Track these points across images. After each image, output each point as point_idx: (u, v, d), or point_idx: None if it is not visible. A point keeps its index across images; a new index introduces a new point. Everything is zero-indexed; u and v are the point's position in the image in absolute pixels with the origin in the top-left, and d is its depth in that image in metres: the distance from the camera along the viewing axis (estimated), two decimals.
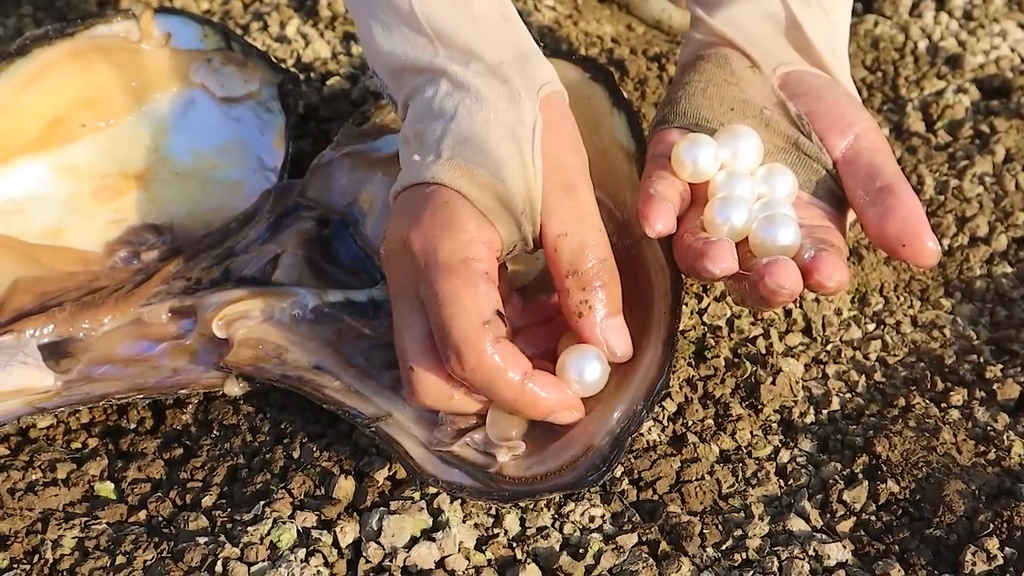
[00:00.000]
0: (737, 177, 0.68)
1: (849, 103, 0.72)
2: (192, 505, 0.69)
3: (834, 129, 0.70)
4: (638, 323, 0.71)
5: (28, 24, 1.12)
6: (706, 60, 0.74)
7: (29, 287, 0.78)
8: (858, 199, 0.68)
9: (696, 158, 0.68)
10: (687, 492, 0.69)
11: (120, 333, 0.77)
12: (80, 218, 0.86)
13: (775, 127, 0.70)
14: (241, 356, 0.73)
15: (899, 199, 0.66)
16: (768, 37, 0.74)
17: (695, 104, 0.72)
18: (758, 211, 0.66)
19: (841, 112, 0.71)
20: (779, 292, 0.62)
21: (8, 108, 0.86)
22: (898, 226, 0.65)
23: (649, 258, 0.73)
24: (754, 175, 0.69)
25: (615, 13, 1.18)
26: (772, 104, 0.71)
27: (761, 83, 0.73)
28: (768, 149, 0.70)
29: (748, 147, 0.69)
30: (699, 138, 0.69)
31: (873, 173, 0.68)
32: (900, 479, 0.69)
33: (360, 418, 0.69)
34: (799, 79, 0.73)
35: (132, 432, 0.75)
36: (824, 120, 0.70)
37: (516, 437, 0.67)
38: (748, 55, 0.74)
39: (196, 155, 0.90)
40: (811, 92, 0.72)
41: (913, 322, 0.83)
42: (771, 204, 0.67)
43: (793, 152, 0.70)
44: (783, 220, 0.65)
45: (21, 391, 0.72)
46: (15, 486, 0.70)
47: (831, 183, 0.69)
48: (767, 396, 0.75)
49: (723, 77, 0.73)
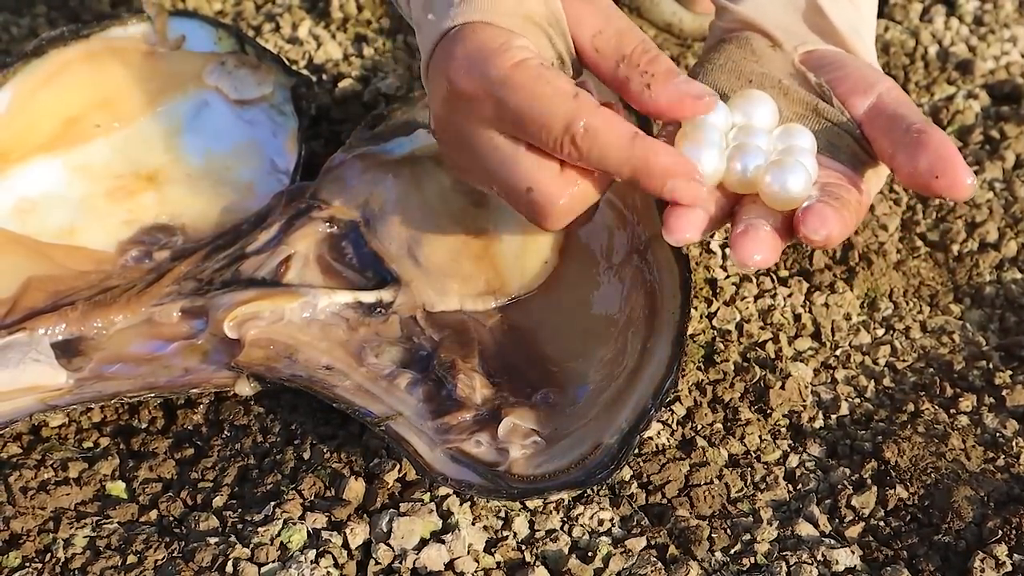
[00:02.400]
0: (752, 132, 0.66)
1: (870, 69, 0.72)
2: (203, 505, 0.70)
3: (856, 91, 0.69)
4: (647, 323, 0.71)
5: (42, 24, 1.12)
6: (728, 42, 0.75)
7: (41, 285, 0.79)
8: (886, 148, 0.67)
9: (705, 117, 0.65)
10: (696, 496, 0.69)
11: (131, 332, 0.78)
12: (93, 218, 0.87)
13: (794, 95, 0.69)
14: (252, 356, 0.73)
15: (928, 135, 0.65)
16: (791, 21, 0.74)
17: (712, 78, 0.72)
18: (773, 157, 0.65)
19: (863, 75, 0.70)
20: (745, 265, 0.61)
21: (23, 108, 0.86)
22: (930, 159, 0.63)
23: (659, 259, 0.74)
24: (770, 135, 0.67)
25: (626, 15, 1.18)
26: (790, 76, 0.71)
27: (781, 59, 0.72)
28: (787, 116, 0.69)
29: (763, 111, 0.67)
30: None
31: (899, 119, 0.67)
32: (909, 485, 0.69)
33: (370, 417, 0.69)
34: (821, 55, 0.73)
35: (143, 432, 0.75)
36: (845, 84, 0.70)
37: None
38: (770, 35, 0.74)
39: (209, 157, 0.90)
40: (832, 64, 0.72)
41: (922, 327, 0.83)
42: (790, 152, 0.65)
43: (813, 117, 0.69)
44: (794, 167, 0.63)
45: (33, 388, 0.73)
46: (27, 485, 0.70)
47: (854, 147, 0.68)
48: (776, 401, 0.75)
49: (743, 55, 0.73)
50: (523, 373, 0.74)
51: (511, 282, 0.78)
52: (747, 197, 0.65)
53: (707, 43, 0.79)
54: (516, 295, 0.78)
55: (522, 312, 0.78)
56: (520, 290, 0.78)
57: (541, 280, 0.79)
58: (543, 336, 0.76)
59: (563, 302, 0.78)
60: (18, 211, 0.85)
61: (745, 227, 0.62)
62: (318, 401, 0.74)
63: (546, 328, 0.77)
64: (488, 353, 0.75)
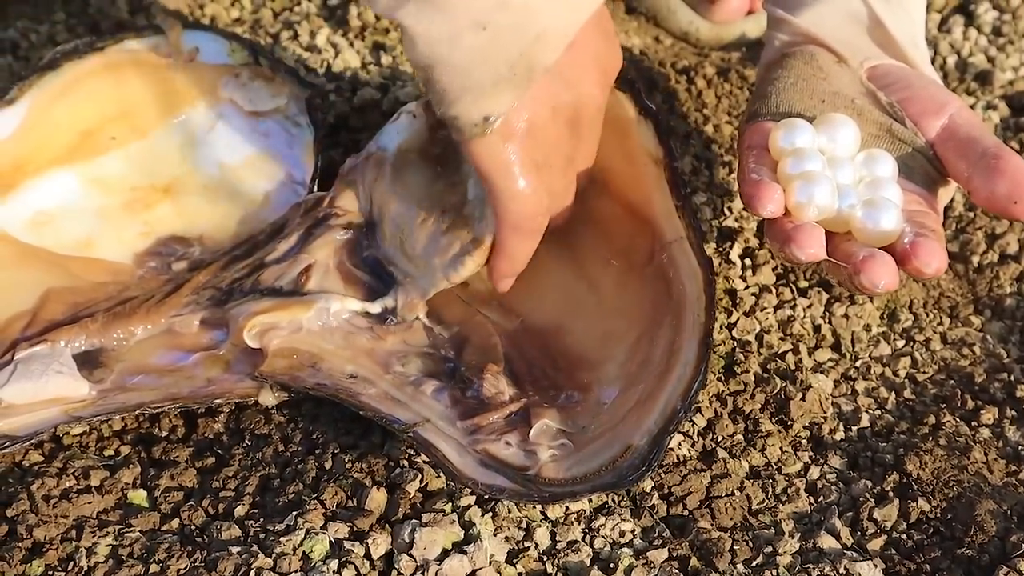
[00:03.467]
0: (838, 163, 0.68)
1: (938, 88, 0.73)
2: (225, 514, 0.70)
3: (927, 112, 0.70)
4: (672, 326, 0.71)
5: (60, 31, 1.13)
6: (792, 57, 0.75)
7: (60, 297, 0.79)
8: (962, 171, 0.68)
9: (795, 142, 0.68)
10: (717, 508, 0.69)
11: (152, 343, 0.78)
12: (110, 229, 0.87)
13: (867, 116, 0.70)
14: (276, 366, 0.73)
15: (1005, 159, 0.66)
16: (852, 33, 0.75)
17: (786, 98, 0.72)
18: (863, 192, 0.66)
19: (932, 95, 0.71)
20: (874, 289, 0.63)
21: (40, 121, 0.86)
22: (1008, 184, 0.65)
23: (681, 263, 0.74)
24: (853, 161, 0.69)
25: (643, 25, 1.18)
26: (862, 95, 0.72)
27: (849, 76, 0.73)
28: (863, 138, 0.70)
29: (846, 134, 0.69)
30: (796, 122, 0.69)
31: (973, 143, 0.68)
32: (931, 498, 0.69)
33: (397, 424, 0.69)
34: (886, 71, 0.73)
35: (164, 440, 0.75)
36: (916, 105, 0.71)
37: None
38: (834, 51, 0.74)
39: (224, 168, 0.90)
40: (899, 81, 0.73)
41: (943, 339, 0.83)
42: (876, 184, 0.67)
43: (887, 139, 0.70)
44: (885, 205, 0.65)
45: (57, 400, 0.73)
46: (50, 493, 0.70)
47: (927, 167, 0.70)
48: (797, 412, 0.75)
49: (811, 72, 0.74)
50: (548, 374, 0.74)
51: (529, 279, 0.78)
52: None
53: (766, 56, 0.79)
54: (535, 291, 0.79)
55: (543, 314, 0.78)
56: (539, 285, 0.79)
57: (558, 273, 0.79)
58: (565, 337, 0.77)
59: (583, 304, 0.78)
60: (35, 223, 0.85)
61: (868, 254, 0.63)
62: (339, 410, 0.74)
63: (567, 329, 0.77)
64: (512, 355, 0.75)
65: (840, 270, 0.65)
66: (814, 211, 0.65)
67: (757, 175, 0.67)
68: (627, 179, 0.79)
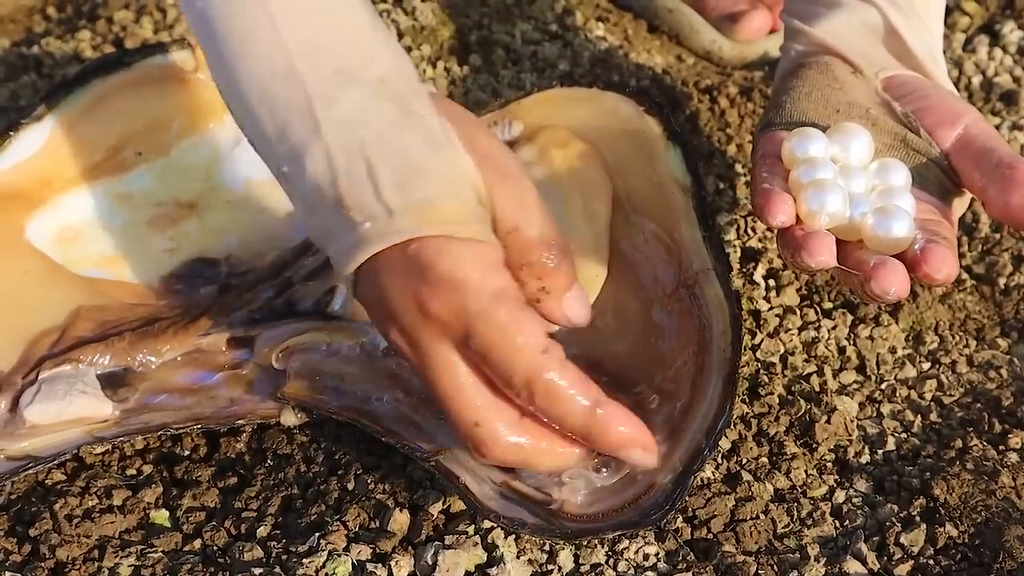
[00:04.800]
0: (851, 172, 0.67)
1: (955, 99, 0.72)
2: (247, 535, 0.70)
3: (943, 122, 0.70)
4: (697, 360, 0.71)
5: (85, 48, 1.13)
6: (808, 67, 0.75)
7: (90, 316, 0.79)
8: (976, 181, 0.68)
9: (807, 151, 0.68)
10: (742, 531, 0.69)
11: (178, 363, 0.78)
12: (135, 246, 0.87)
13: (882, 126, 0.70)
14: (298, 387, 0.73)
15: (1020, 170, 0.66)
16: (869, 44, 0.75)
17: (800, 107, 0.72)
18: (874, 200, 0.66)
19: (948, 106, 0.71)
20: (885, 296, 0.62)
21: (67, 137, 0.86)
22: (1023, 195, 0.65)
23: (708, 295, 0.73)
24: (867, 170, 0.68)
25: (665, 44, 1.18)
26: (876, 105, 0.72)
27: (864, 86, 0.73)
28: (876, 148, 0.70)
29: (860, 144, 0.69)
30: (809, 131, 0.69)
31: (989, 153, 0.67)
32: (959, 523, 0.68)
33: (419, 452, 0.69)
34: (902, 81, 0.73)
35: (186, 460, 0.75)
36: (932, 115, 0.70)
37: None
38: (850, 61, 0.74)
39: (249, 185, 0.91)
40: (915, 92, 0.72)
41: (969, 362, 0.82)
42: (888, 193, 0.66)
43: (902, 148, 0.70)
44: (897, 212, 0.64)
45: (80, 420, 0.73)
46: (72, 512, 0.70)
47: (941, 177, 0.69)
48: (822, 435, 0.75)
49: (826, 82, 0.73)
50: None
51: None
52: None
53: (782, 66, 0.79)
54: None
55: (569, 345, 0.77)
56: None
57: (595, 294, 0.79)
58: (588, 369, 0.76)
59: (608, 335, 0.77)
60: (61, 240, 0.85)
61: (879, 261, 0.63)
62: (361, 431, 0.74)
63: (592, 361, 0.76)
64: None
65: (852, 278, 0.65)
66: (825, 219, 0.65)
67: (768, 184, 0.67)
68: (654, 206, 0.79)
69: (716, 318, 0.71)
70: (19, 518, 0.71)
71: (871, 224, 0.65)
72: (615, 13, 1.20)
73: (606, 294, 0.79)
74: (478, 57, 1.09)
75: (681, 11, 1.17)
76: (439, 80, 1.07)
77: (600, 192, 0.81)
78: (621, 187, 0.82)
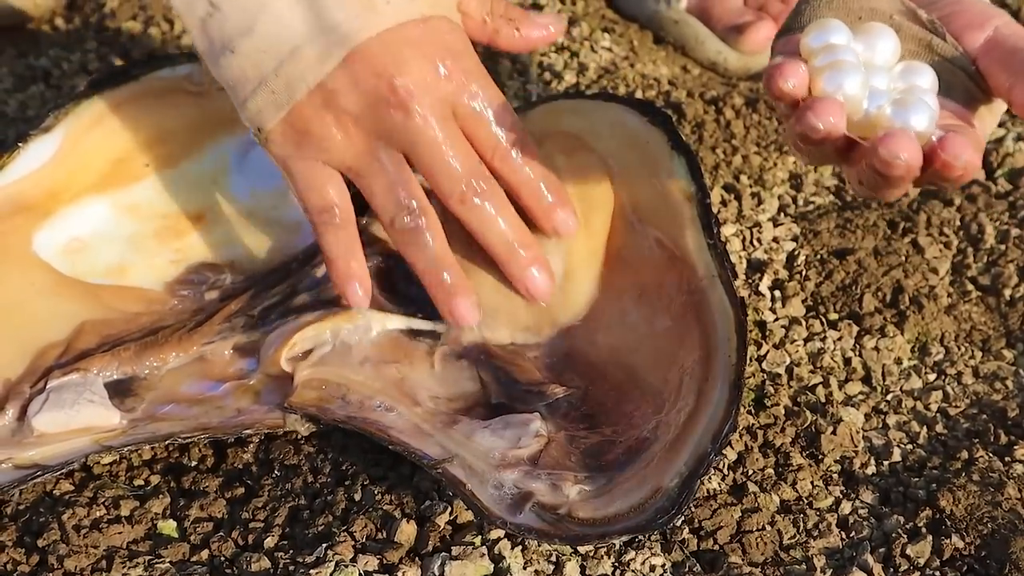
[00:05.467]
0: (874, 71, 0.63)
1: (985, 4, 0.69)
2: (254, 546, 0.70)
3: (971, 26, 0.67)
4: (702, 366, 0.71)
5: (92, 60, 1.14)
6: None
7: (94, 329, 0.79)
8: (1003, 82, 0.64)
9: (827, 39, 0.63)
10: (748, 542, 0.69)
11: (183, 372, 0.78)
12: (143, 257, 0.87)
13: (906, 31, 0.67)
14: (305, 397, 0.74)
15: None
16: None
17: (820, 14, 0.68)
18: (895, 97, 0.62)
19: (978, 10, 0.68)
20: (894, 163, 0.58)
21: (74, 149, 0.87)
22: None
23: (713, 302, 0.73)
24: (891, 72, 0.64)
25: (671, 54, 1.18)
26: (900, 12, 0.68)
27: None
28: (901, 54, 0.66)
29: (885, 44, 0.64)
30: (830, 21, 0.64)
31: (1018, 52, 0.64)
32: (965, 534, 0.68)
33: (427, 460, 0.69)
34: None
35: (194, 470, 0.76)
36: (960, 20, 0.68)
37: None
38: None
39: (255, 196, 0.91)
40: (942, 0, 0.70)
41: (975, 373, 0.82)
42: (911, 91, 0.62)
43: (927, 54, 0.67)
44: (918, 104, 0.60)
45: (88, 429, 0.73)
46: (80, 523, 0.71)
47: (968, 84, 0.66)
48: (828, 446, 0.75)
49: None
50: (577, 411, 0.74)
51: (558, 311, 0.79)
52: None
53: None
54: (564, 323, 0.79)
55: (576, 351, 0.78)
56: (567, 320, 0.79)
57: (586, 310, 0.79)
58: (594, 375, 0.76)
59: (613, 342, 0.77)
60: (69, 251, 0.86)
61: (888, 131, 0.59)
62: (368, 441, 0.74)
63: (597, 367, 0.77)
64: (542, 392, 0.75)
65: (857, 160, 0.61)
66: (841, 100, 0.60)
67: (782, 58, 0.63)
68: (659, 214, 0.79)
69: (721, 324, 0.72)
70: (27, 528, 0.71)
71: (889, 114, 0.60)
72: (621, 24, 1.20)
73: (611, 301, 0.79)
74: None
75: (687, 22, 1.17)
76: None
77: (601, 205, 0.81)
78: (626, 196, 0.82)
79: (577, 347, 0.78)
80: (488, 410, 0.74)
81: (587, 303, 0.79)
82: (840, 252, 0.90)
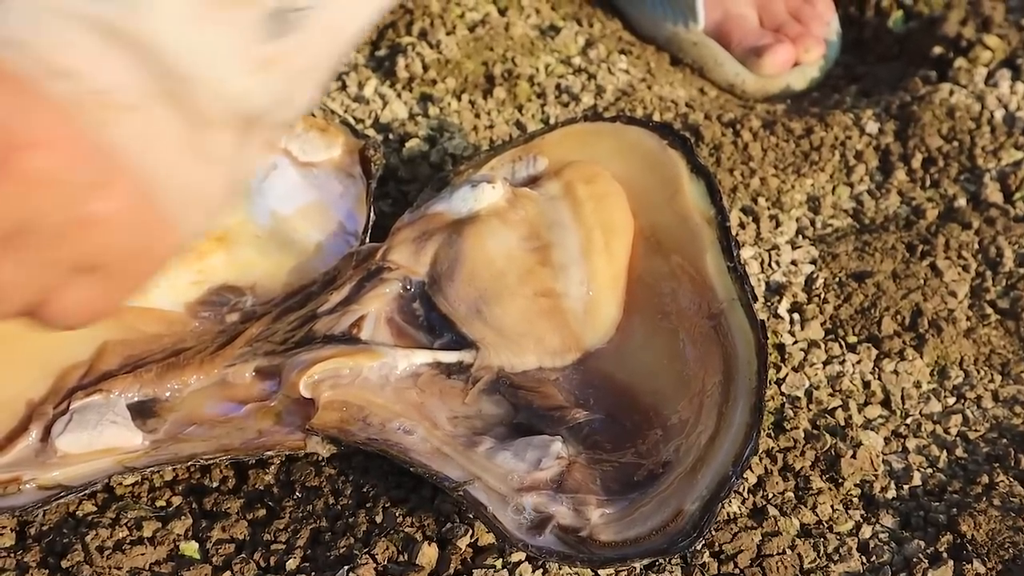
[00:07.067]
0: None
1: None
2: (276, 568, 0.70)
3: None
4: (723, 389, 0.71)
5: None
6: None
7: (117, 350, 0.80)
8: None
9: None
10: (768, 566, 0.69)
11: (205, 394, 0.78)
12: (164, 278, 0.87)
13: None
14: (326, 419, 0.74)
15: None
16: None
17: None
18: None
19: None
20: None
21: None
22: None
23: (733, 325, 0.74)
24: None
25: (688, 76, 1.18)
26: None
27: None
28: None
29: None
30: None
31: None
32: (986, 559, 0.68)
33: (447, 482, 0.69)
34: None
35: (215, 491, 0.76)
36: None
37: None
38: None
39: (276, 218, 0.91)
40: None
41: (994, 397, 0.82)
42: None
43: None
44: None
45: (111, 450, 0.74)
46: (103, 544, 0.71)
47: None
48: (848, 470, 0.75)
49: None
50: (599, 435, 0.74)
51: (583, 337, 0.79)
52: None
53: None
54: (590, 347, 0.79)
55: (599, 374, 0.78)
56: (592, 344, 0.79)
57: (610, 334, 0.79)
58: (617, 398, 0.77)
59: (634, 365, 0.78)
60: None
61: None
62: (389, 463, 0.74)
63: (619, 390, 0.77)
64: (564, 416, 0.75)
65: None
66: None
67: None
68: (678, 238, 0.79)
69: (742, 348, 0.72)
70: (51, 549, 0.71)
71: None
72: (638, 46, 1.21)
73: (632, 325, 0.80)
74: (503, 90, 1.09)
75: (705, 44, 1.18)
76: (464, 113, 1.08)
77: (622, 231, 0.82)
78: (645, 220, 0.83)
79: (601, 370, 0.78)
80: (510, 432, 0.74)
81: (611, 327, 0.80)
82: (859, 275, 0.90)
